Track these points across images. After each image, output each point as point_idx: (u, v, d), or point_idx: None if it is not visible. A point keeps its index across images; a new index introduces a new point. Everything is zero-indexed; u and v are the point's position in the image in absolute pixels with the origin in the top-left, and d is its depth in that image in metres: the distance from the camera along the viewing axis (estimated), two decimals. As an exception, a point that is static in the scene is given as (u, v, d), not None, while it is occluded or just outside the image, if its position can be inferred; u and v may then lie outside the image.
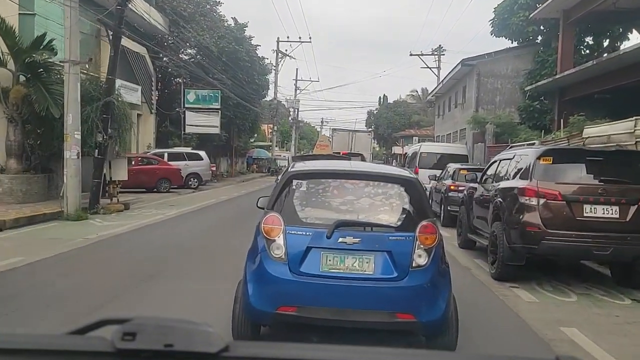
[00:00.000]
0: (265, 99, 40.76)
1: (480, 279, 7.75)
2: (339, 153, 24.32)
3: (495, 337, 5.18)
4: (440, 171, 16.03)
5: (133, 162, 20.24)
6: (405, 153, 48.34)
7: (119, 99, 15.44)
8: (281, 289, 4.03)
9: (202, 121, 28.39)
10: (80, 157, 12.82)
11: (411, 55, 45.41)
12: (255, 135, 44.63)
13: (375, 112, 74.11)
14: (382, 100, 72.50)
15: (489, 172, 9.54)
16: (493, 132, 24.32)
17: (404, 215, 4.29)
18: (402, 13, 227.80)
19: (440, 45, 45.27)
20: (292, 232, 4.08)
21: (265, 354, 0.99)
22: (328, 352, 1.02)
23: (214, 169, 26.89)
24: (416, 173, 17.57)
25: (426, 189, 12.63)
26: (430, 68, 45.68)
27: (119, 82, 23.95)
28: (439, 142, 43.04)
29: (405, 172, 4.90)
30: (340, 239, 4.00)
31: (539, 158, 7.24)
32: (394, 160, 57.35)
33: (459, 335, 4.26)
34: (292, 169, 4.72)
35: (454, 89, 34.59)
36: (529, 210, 6.96)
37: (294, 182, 4.39)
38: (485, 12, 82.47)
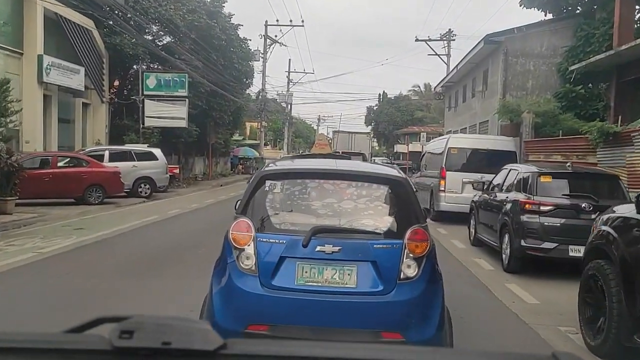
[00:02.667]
0: (250, 88, 35.34)
1: None
2: (339, 152, 23.12)
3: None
4: (483, 177, 10.66)
5: (50, 164, 14.82)
6: (411, 151, 43.62)
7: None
8: (251, 304, 3.55)
9: (165, 112, 23.00)
10: None
11: (417, 40, 40.13)
12: (238, 131, 38.96)
13: (375, 108, 69.31)
14: (381, 97, 67.70)
15: None
16: (532, 123, 18.93)
17: (391, 220, 3.83)
18: (407, 12, 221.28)
19: (449, 29, 39.85)
20: (264, 239, 3.63)
21: (263, 351, 0.98)
22: (325, 349, 1.00)
23: (175, 171, 21.42)
24: (442, 177, 12.18)
25: (472, 203, 10.71)
26: (438, 55, 40.40)
27: (48, 59, 18.72)
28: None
29: (393, 171, 4.23)
30: (319, 248, 3.52)
31: None
32: (390, 159, 52.61)
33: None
34: (265, 168, 4.26)
35: (472, 75, 29.23)
36: None
37: (267, 183, 3.86)
38: None
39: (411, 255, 3.58)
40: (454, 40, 40.13)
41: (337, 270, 3.56)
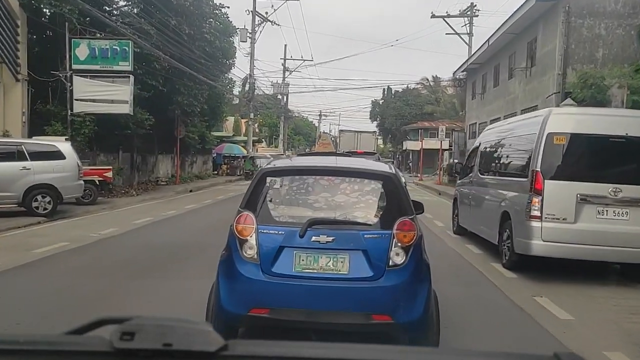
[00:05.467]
0: (232, 70, 29.03)
1: None
2: (355, 152, 21.49)
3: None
4: (618, 190, 4.50)
5: None
6: (426, 149, 37.48)
7: None
8: (253, 290, 3.90)
9: (102, 93, 16.82)
10: None
11: (433, 17, 33.82)
12: (217, 123, 32.53)
13: (380, 102, 63.51)
14: (386, 92, 62.09)
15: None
16: (626, 101, 12.68)
17: (381, 212, 4.14)
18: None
19: (472, 2, 33.49)
20: (265, 231, 3.98)
21: (264, 352, 0.98)
22: (326, 350, 1.01)
23: (107, 175, 15.15)
24: (537, 191, 6.03)
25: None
26: (458, 34, 34.09)
27: None
28: (474, 132, 31.54)
29: (383, 167, 4.60)
30: (314, 238, 3.88)
31: None
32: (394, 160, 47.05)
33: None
34: (266, 166, 4.58)
35: (509, 50, 22.97)
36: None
37: (268, 179, 4.24)
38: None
39: (399, 244, 3.90)
40: (476, 16, 33.88)
41: (331, 258, 3.90)
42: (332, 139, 57.83)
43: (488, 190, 8.71)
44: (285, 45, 64.20)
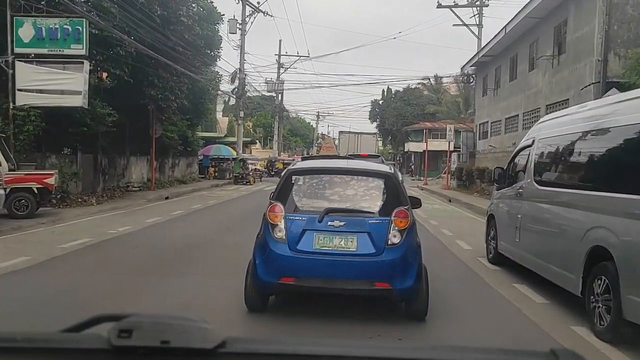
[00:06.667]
0: (217, 63, 26.08)
1: None
2: (359, 155, 20.97)
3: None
4: None
5: None
6: (431, 150, 34.91)
7: None
8: (282, 263, 4.95)
9: (51, 82, 13.95)
10: None
11: (440, 6, 30.98)
12: (201, 121, 29.53)
13: (380, 102, 60.90)
14: (385, 93, 59.56)
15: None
16: None
17: (382, 203, 5.21)
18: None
19: (482, -11, 30.66)
20: (291, 217, 5.06)
21: (262, 349, 0.99)
22: (324, 347, 1.02)
23: (47, 181, 12.21)
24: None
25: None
26: (466, 25, 31.30)
27: None
28: (485, 131, 28.69)
29: (385, 168, 5.89)
30: (329, 223, 4.95)
31: None
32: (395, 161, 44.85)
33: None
34: (292, 167, 5.74)
35: (530, 37, 20.16)
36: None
37: (293, 177, 5.36)
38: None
39: (396, 228, 4.98)
40: (486, 6, 31.07)
41: (342, 238, 4.96)
42: (333, 139, 55.49)
43: (556, 210, 5.84)
44: (280, 40, 61.23)
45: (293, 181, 5.28)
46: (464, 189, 25.80)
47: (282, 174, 5.67)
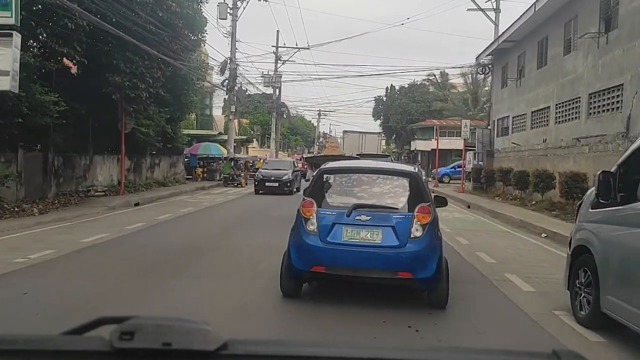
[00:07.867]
0: (200, 48, 22.92)
1: None
2: (367, 154, 22.67)
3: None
4: None
5: None
6: (442, 149, 31.61)
7: None
8: (314, 253, 5.43)
9: (-29, 60, 10.87)
10: None
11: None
12: (183, 116, 26.36)
13: (384, 99, 58.13)
14: (389, 90, 56.91)
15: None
16: None
17: (406, 200, 5.60)
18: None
19: (499, -28, 27.53)
20: (322, 212, 5.54)
21: (264, 351, 0.98)
22: (327, 349, 1.01)
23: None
24: None
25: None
26: (482, 10, 28.19)
27: None
28: (505, 127, 25.58)
29: (409, 168, 6.43)
30: (357, 217, 5.39)
31: None
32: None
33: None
34: (324, 167, 6.22)
35: (565, 14, 17.04)
36: None
37: (324, 175, 5.87)
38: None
39: (419, 222, 5.37)
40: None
41: (369, 231, 5.38)
42: (337, 139, 52.89)
43: None
44: (278, 31, 57.96)
45: (324, 179, 5.84)
46: (481, 192, 22.74)
47: (315, 173, 6.45)
